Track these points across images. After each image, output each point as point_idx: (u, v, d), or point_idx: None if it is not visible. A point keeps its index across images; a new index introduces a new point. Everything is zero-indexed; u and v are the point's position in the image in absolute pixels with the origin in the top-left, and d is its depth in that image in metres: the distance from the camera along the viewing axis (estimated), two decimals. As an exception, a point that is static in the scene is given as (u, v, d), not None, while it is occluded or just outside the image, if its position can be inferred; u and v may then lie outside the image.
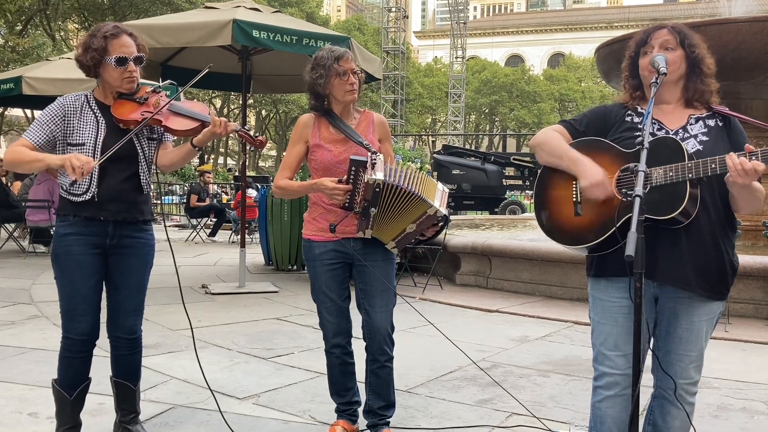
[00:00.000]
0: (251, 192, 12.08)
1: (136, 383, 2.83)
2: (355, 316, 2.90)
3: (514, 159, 19.38)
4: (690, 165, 1.97)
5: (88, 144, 2.57)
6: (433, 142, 51.24)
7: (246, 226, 8.05)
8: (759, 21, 6.54)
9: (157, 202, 11.20)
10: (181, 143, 2.84)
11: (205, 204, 12.59)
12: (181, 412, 3.23)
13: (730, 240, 2.13)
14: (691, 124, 2.15)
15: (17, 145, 2.56)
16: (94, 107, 2.64)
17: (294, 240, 8.00)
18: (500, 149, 50.80)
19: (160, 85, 2.79)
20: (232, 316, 5.48)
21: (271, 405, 3.37)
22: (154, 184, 2.92)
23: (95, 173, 2.56)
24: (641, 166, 1.89)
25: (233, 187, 18.99)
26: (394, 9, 41.95)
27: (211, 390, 3.03)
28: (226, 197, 15.39)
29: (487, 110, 56.38)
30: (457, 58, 45.18)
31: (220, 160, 47.20)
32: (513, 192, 20.05)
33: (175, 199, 19.59)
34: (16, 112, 32.55)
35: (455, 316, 5.63)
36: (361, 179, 2.60)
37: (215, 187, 16.70)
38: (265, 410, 3.29)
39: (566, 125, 2.29)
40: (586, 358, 4.26)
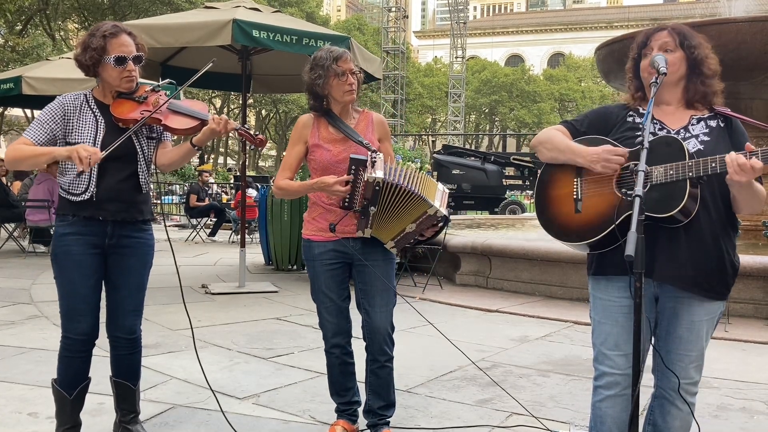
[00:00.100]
0: (251, 192, 12.08)
1: (136, 383, 2.83)
2: (355, 316, 2.89)
3: (514, 159, 19.35)
4: (690, 164, 1.97)
5: (88, 143, 2.55)
6: (433, 142, 51.23)
7: (246, 225, 8.05)
8: (759, 21, 6.54)
9: (157, 201, 11.22)
10: (181, 143, 2.84)
11: (205, 204, 12.58)
12: (181, 412, 3.23)
13: (731, 240, 2.13)
14: (693, 125, 2.15)
15: (18, 144, 2.55)
16: (93, 106, 2.63)
17: (294, 240, 8.00)
18: (500, 149, 50.77)
19: (160, 84, 2.78)
20: (232, 316, 5.48)
21: (271, 405, 3.36)
22: (153, 184, 2.92)
23: (94, 173, 2.55)
24: (641, 166, 1.90)
25: (233, 186, 18.99)
26: (394, 9, 41.94)
27: (213, 390, 3.02)
28: (226, 197, 15.39)
29: (487, 110, 56.37)
30: (457, 57, 45.18)
31: (220, 160, 47.22)
32: (513, 192, 20.02)
33: (175, 199, 19.59)
34: (16, 112, 32.54)
35: (455, 316, 5.62)
36: (361, 178, 2.59)
37: (216, 187, 16.69)
38: (265, 410, 3.29)
39: (567, 125, 2.30)
40: (586, 358, 4.26)
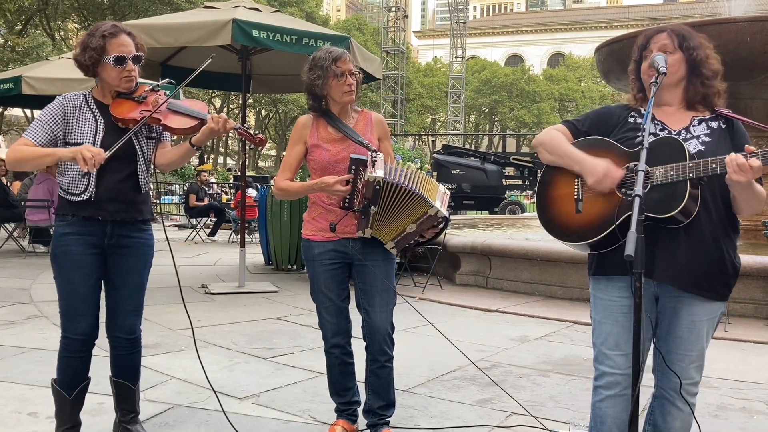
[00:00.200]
0: (251, 192, 12.08)
1: (136, 383, 2.83)
2: (355, 316, 2.89)
3: (514, 159, 19.36)
4: (691, 165, 1.97)
5: (87, 143, 2.55)
6: (433, 142, 51.24)
7: (246, 225, 8.05)
8: (759, 21, 6.54)
9: (156, 201, 11.21)
10: (180, 142, 2.83)
11: (205, 203, 12.58)
12: (181, 412, 3.23)
13: (731, 241, 2.13)
14: (694, 126, 2.15)
15: (19, 145, 2.54)
16: (92, 106, 2.63)
17: (294, 240, 8.00)
18: (500, 149, 50.78)
19: (159, 83, 2.78)
20: (232, 315, 5.48)
21: (271, 405, 3.36)
22: (152, 184, 2.91)
23: (93, 173, 2.55)
24: (641, 166, 1.90)
25: (233, 186, 18.98)
26: (393, 9, 41.92)
27: (214, 390, 3.02)
28: (225, 197, 15.39)
29: (487, 110, 56.37)
30: (457, 57, 45.17)
31: (220, 160, 47.22)
32: (513, 192, 20.03)
33: (175, 199, 19.59)
34: (16, 112, 32.54)
35: (455, 316, 5.62)
36: (361, 177, 2.59)
37: (216, 187, 16.69)
38: (264, 410, 3.29)
39: (568, 125, 2.30)
40: (586, 358, 4.26)
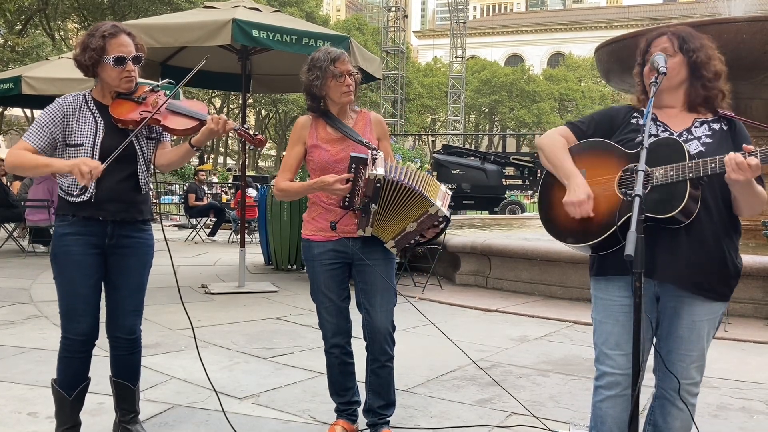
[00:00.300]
0: (251, 192, 12.08)
1: (136, 383, 2.83)
2: (355, 315, 2.89)
3: (514, 159, 19.35)
4: (690, 165, 1.97)
5: (87, 144, 2.55)
6: (433, 141, 51.25)
7: (246, 225, 8.05)
8: (758, 21, 6.54)
9: (156, 201, 11.21)
10: (180, 143, 2.83)
11: (204, 203, 12.58)
12: (181, 412, 3.23)
13: (733, 241, 2.13)
14: (696, 127, 2.16)
15: (19, 149, 2.53)
16: (92, 107, 2.63)
17: (294, 240, 8.00)
18: (500, 149, 50.78)
19: (159, 84, 2.77)
20: (232, 315, 5.48)
21: (271, 405, 3.36)
22: (152, 184, 2.91)
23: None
24: (641, 166, 1.90)
25: (232, 186, 18.98)
26: (393, 9, 41.92)
27: (215, 389, 3.02)
28: (225, 197, 15.38)
29: (487, 110, 56.37)
30: (457, 57, 45.18)
31: (220, 160, 47.21)
32: (513, 192, 20.04)
33: (174, 199, 19.59)
34: (16, 112, 32.53)
35: (455, 316, 5.62)
36: (362, 175, 2.59)
37: (217, 187, 16.68)
38: (264, 410, 3.29)
39: (572, 127, 2.30)
40: (586, 358, 4.26)
